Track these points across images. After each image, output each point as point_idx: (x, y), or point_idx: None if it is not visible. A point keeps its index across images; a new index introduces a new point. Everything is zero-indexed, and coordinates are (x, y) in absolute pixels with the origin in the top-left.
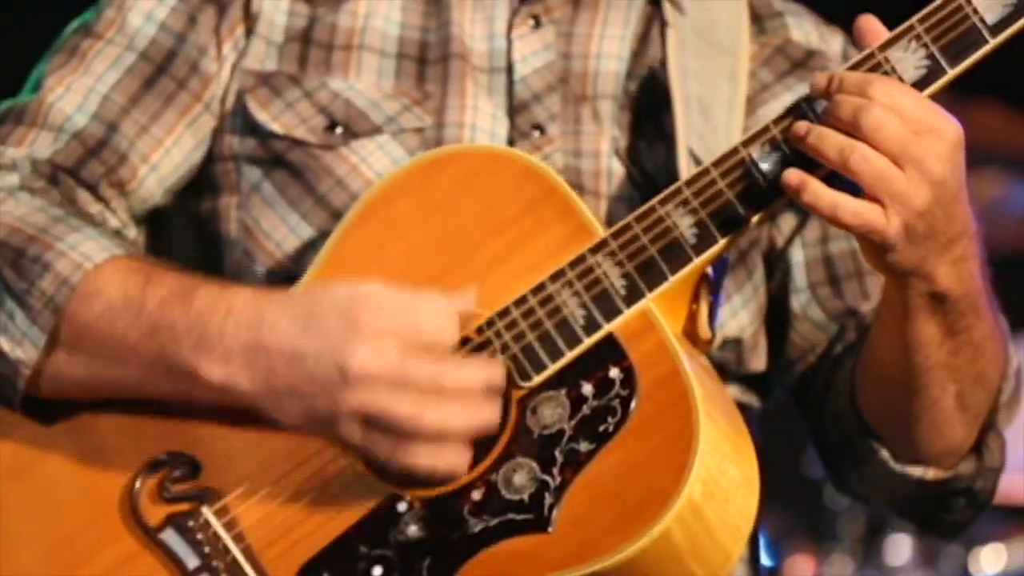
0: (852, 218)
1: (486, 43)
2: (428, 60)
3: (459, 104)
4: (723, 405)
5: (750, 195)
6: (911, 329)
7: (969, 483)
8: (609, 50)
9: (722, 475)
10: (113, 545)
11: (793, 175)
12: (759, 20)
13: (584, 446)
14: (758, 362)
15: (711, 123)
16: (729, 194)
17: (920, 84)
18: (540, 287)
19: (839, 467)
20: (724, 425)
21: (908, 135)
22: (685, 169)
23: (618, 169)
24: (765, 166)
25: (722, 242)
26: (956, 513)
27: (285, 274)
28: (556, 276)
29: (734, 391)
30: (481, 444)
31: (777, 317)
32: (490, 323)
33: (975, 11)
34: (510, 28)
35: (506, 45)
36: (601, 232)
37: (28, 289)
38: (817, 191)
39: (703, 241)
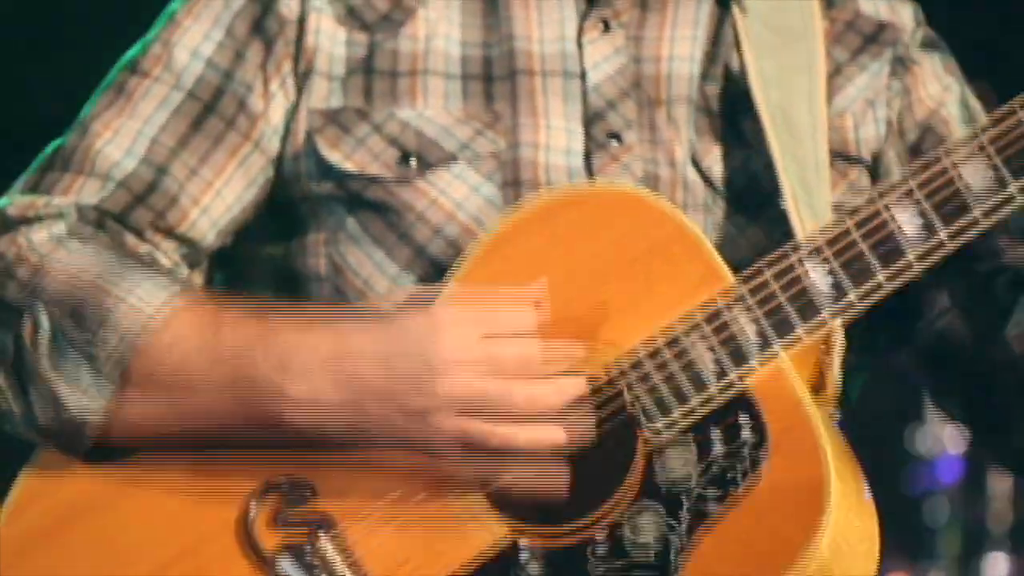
0: None
1: (557, 45)
2: (494, 77)
3: (531, 123)
4: (847, 459)
5: (886, 250)
6: None
7: None
8: (681, 52)
9: (849, 530)
10: (225, 569)
11: None
12: None
13: (711, 494)
14: None
15: (796, 132)
16: (863, 246)
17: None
18: (669, 331)
19: (1008, 424)
20: (850, 479)
21: None
22: (791, 198)
23: (694, 177)
24: (903, 219)
25: (853, 296)
26: None
27: None
28: (686, 320)
29: None
30: (607, 488)
31: None
32: (617, 364)
33: None
34: (579, 34)
35: (577, 50)
36: (730, 277)
37: (91, 340)
38: None
39: (835, 293)
